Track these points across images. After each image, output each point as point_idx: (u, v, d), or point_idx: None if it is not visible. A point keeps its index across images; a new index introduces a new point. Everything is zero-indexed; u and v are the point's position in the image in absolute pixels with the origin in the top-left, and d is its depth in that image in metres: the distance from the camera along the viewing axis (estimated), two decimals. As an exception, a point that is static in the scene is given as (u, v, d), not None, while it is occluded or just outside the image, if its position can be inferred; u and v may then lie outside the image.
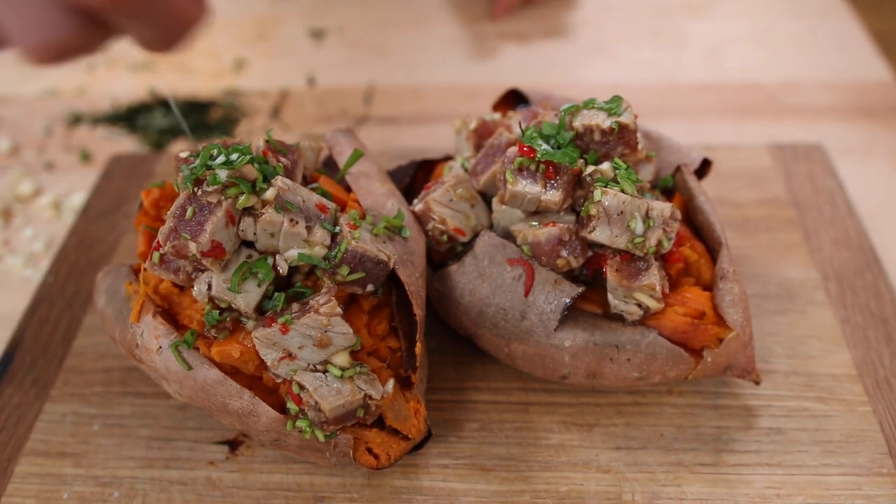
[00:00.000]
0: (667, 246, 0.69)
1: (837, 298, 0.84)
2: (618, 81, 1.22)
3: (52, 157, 1.12)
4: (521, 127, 0.74)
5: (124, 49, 1.34)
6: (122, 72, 1.29)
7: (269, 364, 0.64)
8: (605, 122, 0.70)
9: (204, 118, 1.17)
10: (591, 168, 0.70)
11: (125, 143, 1.14)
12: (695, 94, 1.19)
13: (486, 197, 0.76)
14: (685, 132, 1.08)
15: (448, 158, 0.85)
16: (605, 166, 0.69)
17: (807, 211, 0.94)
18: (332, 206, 0.69)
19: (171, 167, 1.04)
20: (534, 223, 0.70)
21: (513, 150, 0.71)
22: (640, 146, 0.72)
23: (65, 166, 1.11)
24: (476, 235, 0.74)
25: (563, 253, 0.68)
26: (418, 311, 0.69)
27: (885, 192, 1.00)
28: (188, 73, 1.28)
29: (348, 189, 0.76)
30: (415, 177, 0.85)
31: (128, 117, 1.18)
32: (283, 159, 0.70)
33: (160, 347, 0.66)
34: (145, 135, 1.15)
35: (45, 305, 0.87)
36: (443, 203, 0.74)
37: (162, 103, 1.19)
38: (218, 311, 0.66)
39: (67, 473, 0.72)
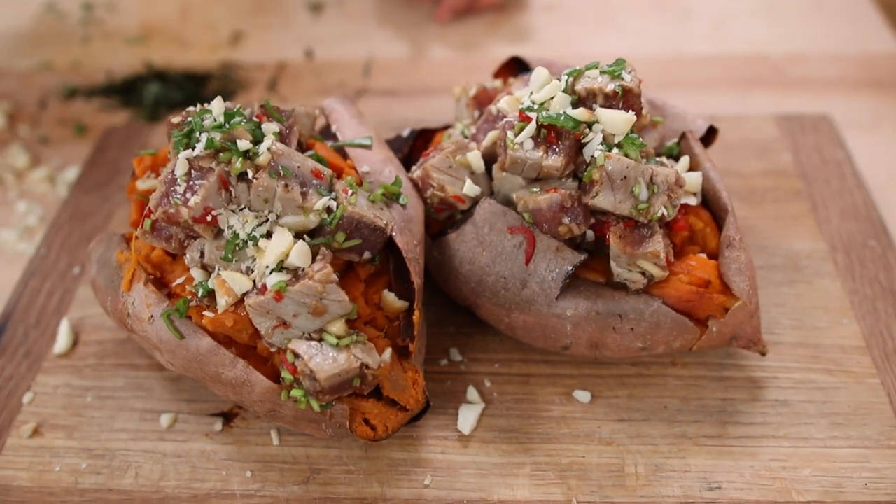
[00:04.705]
0: (671, 213, 0.67)
1: (845, 270, 0.82)
2: (622, 54, 1.19)
3: (46, 131, 1.10)
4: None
5: (119, 22, 1.32)
6: (117, 45, 1.27)
7: (262, 333, 0.63)
8: (609, 85, 0.68)
9: (200, 91, 1.15)
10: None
11: (120, 116, 1.12)
12: (700, 67, 1.17)
13: (486, 164, 0.74)
14: (690, 104, 1.06)
15: (447, 128, 0.83)
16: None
17: (814, 182, 0.92)
18: (327, 172, 0.67)
19: (166, 139, 1.02)
20: (535, 189, 0.68)
21: (513, 115, 0.69)
22: (644, 111, 0.70)
23: (59, 140, 1.09)
24: (476, 203, 0.72)
25: (565, 219, 0.67)
26: (416, 279, 0.67)
27: (893, 166, 0.98)
28: (184, 46, 1.25)
29: (345, 156, 0.75)
30: (413, 146, 0.83)
31: (122, 90, 1.16)
32: (277, 124, 0.68)
33: (152, 316, 0.65)
34: (140, 107, 1.13)
35: (38, 277, 0.86)
36: (442, 169, 0.72)
37: (157, 76, 1.17)
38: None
39: (59, 446, 0.71)
